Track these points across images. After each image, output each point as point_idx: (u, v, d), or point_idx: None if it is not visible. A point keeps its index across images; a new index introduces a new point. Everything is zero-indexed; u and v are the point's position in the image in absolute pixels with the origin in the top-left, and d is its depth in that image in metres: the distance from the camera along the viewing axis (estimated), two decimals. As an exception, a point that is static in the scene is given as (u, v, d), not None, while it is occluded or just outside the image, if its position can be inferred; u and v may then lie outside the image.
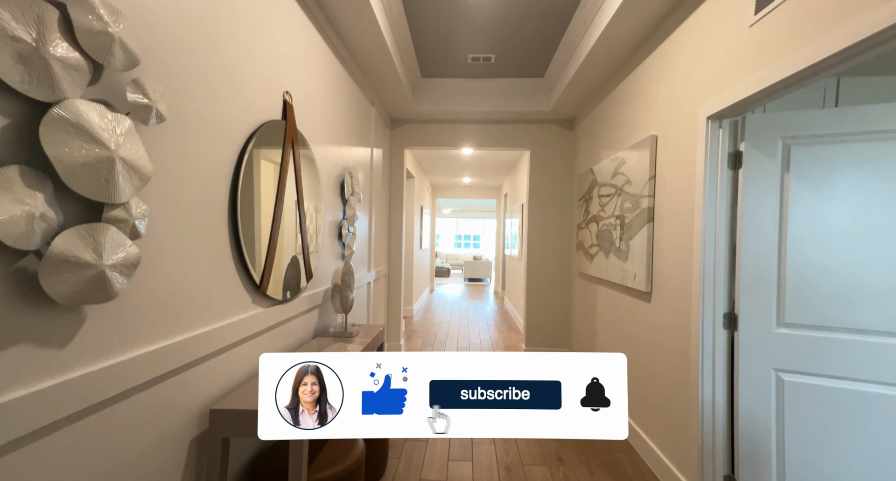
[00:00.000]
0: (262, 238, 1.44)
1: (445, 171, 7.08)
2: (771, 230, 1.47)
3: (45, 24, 0.65)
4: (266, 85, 1.47)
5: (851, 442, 1.37)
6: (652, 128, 2.10)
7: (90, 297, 0.74)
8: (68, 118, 0.68)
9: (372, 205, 3.14)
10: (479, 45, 2.78)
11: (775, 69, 1.24)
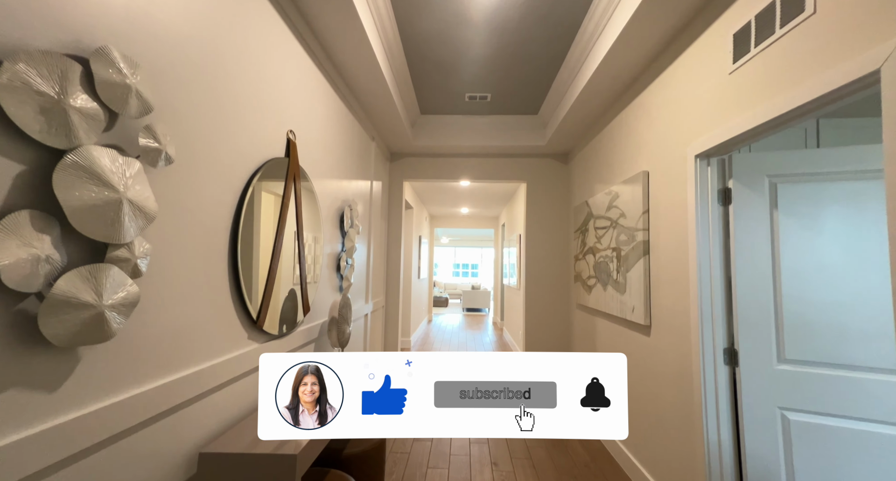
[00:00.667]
0: (261, 271, 1.45)
1: (443, 202, 7.19)
2: (764, 265, 1.50)
3: (68, 78, 0.69)
4: (271, 124, 1.53)
5: (864, 486, 1.32)
6: (643, 164, 2.17)
7: (87, 339, 0.73)
8: (81, 164, 0.71)
9: (371, 235, 3.16)
10: (475, 84, 2.92)
11: (753, 115, 1.31)
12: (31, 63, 0.64)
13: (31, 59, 0.64)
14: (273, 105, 1.54)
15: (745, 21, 1.36)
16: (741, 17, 1.38)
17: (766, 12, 1.26)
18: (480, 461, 2.39)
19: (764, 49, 1.27)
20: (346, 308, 2.03)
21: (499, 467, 2.31)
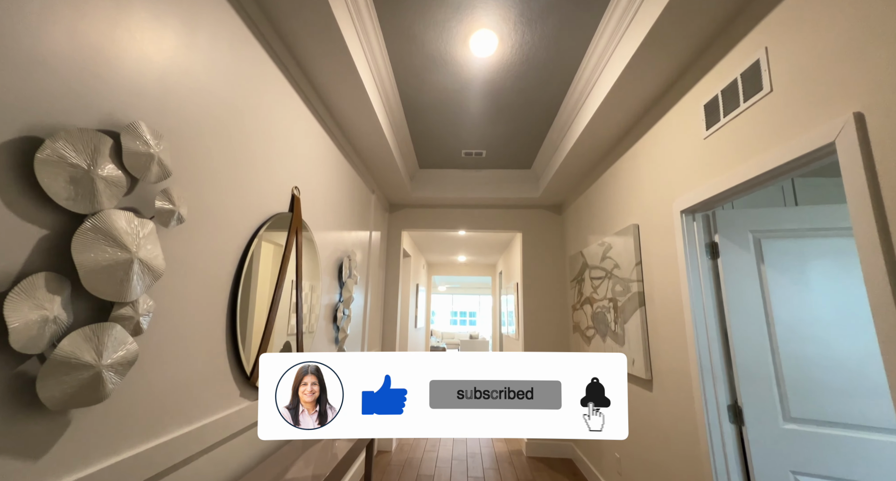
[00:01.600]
0: (258, 324, 1.45)
1: (441, 250, 7.27)
2: (758, 318, 1.51)
3: (99, 151, 0.75)
4: (278, 180, 1.61)
5: (892, 562, 1.23)
6: (634, 217, 2.25)
7: (81, 401, 0.73)
8: (100, 227, 0.75)
9: (368, 284, 3.17)
10: (471, 141, 3.11)
11: (727, 177, 1.41)
12: (69, 140, 0.70)
13: (69, 137, 0.70)
14: (280, 162, 1.64)
15: (712, 94, 1.50)
16: (709, 90, 1.53)
17: (730, 88, 1.41)
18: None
19: (732, 119, 1.40)
20: (340, 361, 1.98)
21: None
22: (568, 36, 1.88)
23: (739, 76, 1.35)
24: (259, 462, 1.45)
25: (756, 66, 1.28)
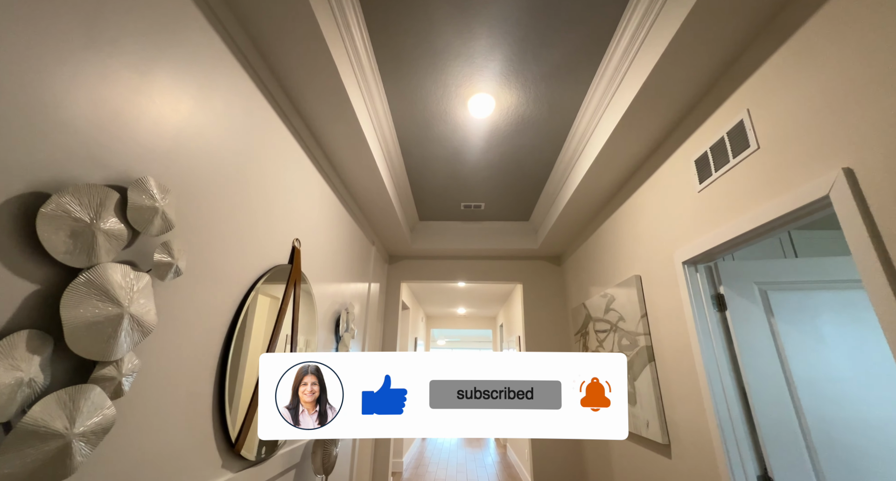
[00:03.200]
0: (248, 382, 1.36)
1: (440, 302, 7.14)
2: (776, 375, 1.43)
3: (104, 206, 0.76)
4: (279, 233, 1.61)
5: None
6: (635, 268, 2.24)
7: (42, 479, 0.65)
8: (94, 281, 0.73)
9: (366, 337, 3.06)
10: (470, 195, 3.19)
11: (724, 230, 1.42)
12: (75, 194, 0.71)
13: (76, 192, 0.71)
14: (283, 215, 1.65)
15: (702, 151, 1.57)
16: (699, 146, 1.60)
17: (718, 145, 1.48)
18: None
19: (723, 174, 1.44)
20: (333, 424, 1.84)
21: None
22: (561, 96, 2.02)
23: (726, 134, 1.43)
24: (236, 548, 1.27)
25: (741, 125, 1.35)
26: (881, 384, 1.30)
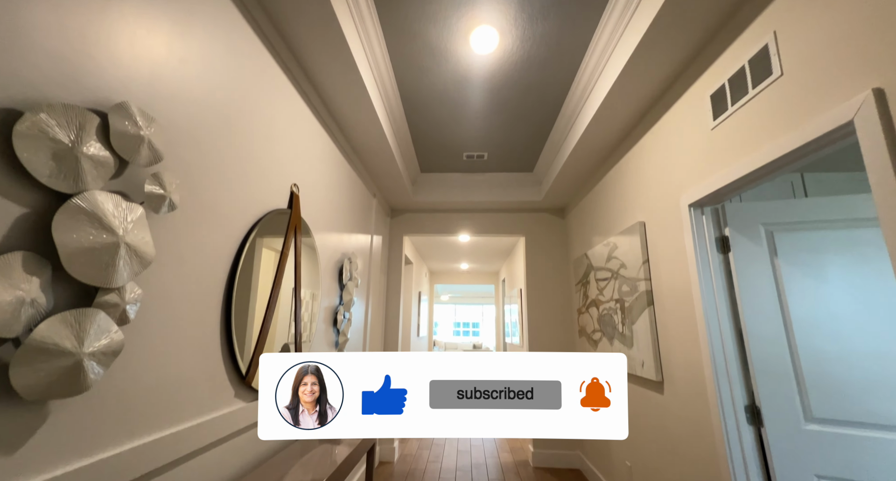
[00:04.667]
0: (255, 325, 1.40)
1: (443, 257, 7.22)
2: (774, 315, 1.45)
3: (85, 129, 0.72)
4: (276, 177, 1.58)
5: None
6: (639, 215, 2.21)
7: (60, 391, 0.68)
8: (85, 207, 0.71)
9: (369, 290, 3.12)
10: (472, 144, 3.09)
11: (737, 167, 1.37)
12: (52, 114, 0.67)
13: (52, 111, 0.67)
14: (279, 159, 1.61)
15: (719, 84, 1.47)
16: (716, 80, 1.50)
17: (737, 76, 1.38)
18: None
19: (740, 107, 1.36)
20: (340, 364, 1.92)
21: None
22: (569, 32, 1.87)
23: (747, 63, 1.33)
24: (256, 466, 1.38)
25: (765, 51, 1.25)
26: (878, 319, 1.32)
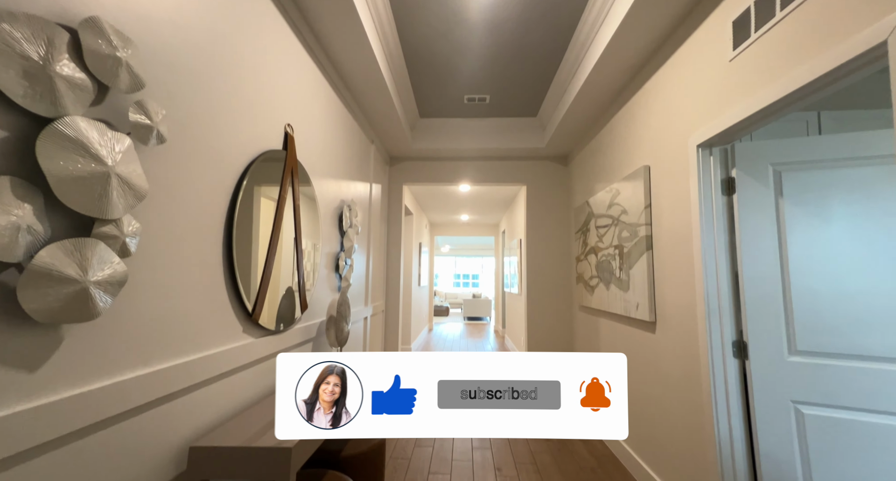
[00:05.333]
0: (257, 266, 1.42)
1: (443, 208, 7.18)
2: (771, 255, 1.46)
3: (54, 45, 0.67)
4: (269, 116, 1.51)
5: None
6: (644, 159, 2.15)
7: (70, 316, 0.70)
8: (67, 133, 0.68)
9: (370, 240, 3.14)
10: (473, 85, 2.93)
11: (755, 99, 1.30)
12: (14, 25, 0.62)
13: (14, 21, 0.62)
14: (271, 98, 1.53)
15: (744, 7, 1.35)
16: (740, 3, 1.38)
17: (764, -2, 1.26)
18: (483, 466, 2.31)
19: (765, 33, 1.26)
20: (344, 306, 1.99)
21: (502, 472, 2.24)
22: (582, -51, 1.69)
23: (777, -20, 1.20)
24: (266, 396, 1.47)
25: (798, -35, 1.13)
26: (876, 258, 1.33)
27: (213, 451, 1.02)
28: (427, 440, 2.67)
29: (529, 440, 2.68)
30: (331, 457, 1.62)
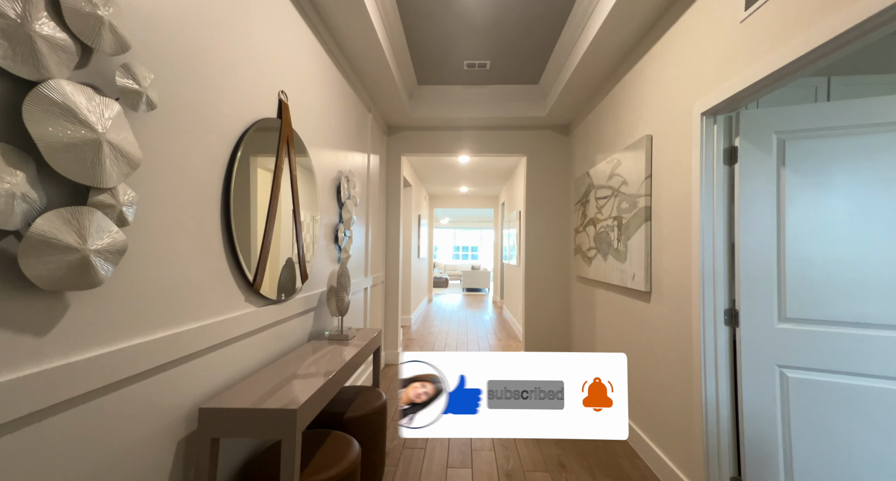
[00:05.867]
0: (256, 237, 1.42)
1: (443, 180, 7.11)
2: (769, 225, 1.47)
3: (30, 1, 0.64)
4: (261, 82, 1.47)
5: (860, 440, 1.33)
6: (647, 128, 2.11)
7: (73, 283, 0.71)
8: (54, 98, 0.66)
9: (369, 211, 3.13)
10: (474, 50, 2.82)
11: (766, 63, 1.25)
12: (-13, -22, 0.59)
13: (-13, -24, 0.59)
14: (263, 63, 1.47)
15: (758, -37, 1.28)
16: (754, -41, 1.30)
17: (781, -49, 1.19)
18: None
19: (778, -9, 1.20)
20: (344, 277, 2.01)
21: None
22: None
23: (795, -68, 1.13)
24: (272, 361, 1.52)
25: (819, -85, 1.05)
26: (873, 226, 1.33)
27: (221, 412, 1.06)
28: (427, 404, 2.78)
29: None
30: (335, 419, 1.70)
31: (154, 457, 0.98)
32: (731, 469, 1.52)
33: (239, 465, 1.35)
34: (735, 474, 1.53)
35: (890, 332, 1.30)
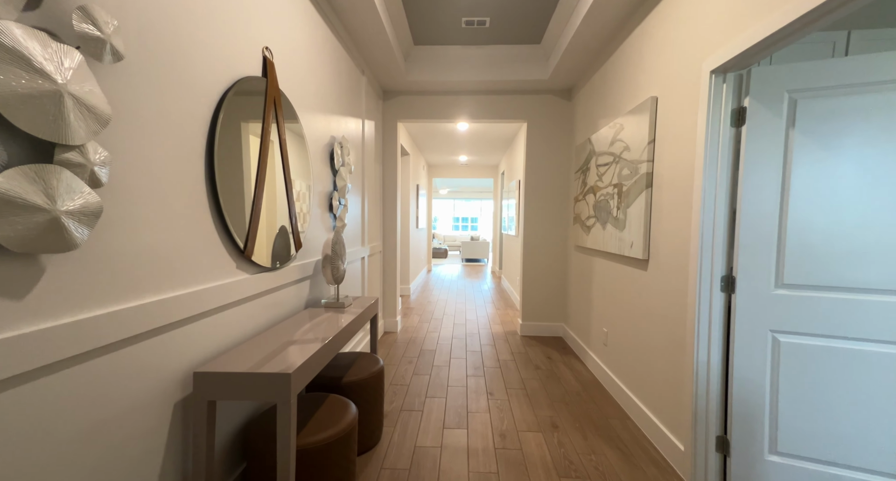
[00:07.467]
0: (245, 204, 1.38)
1: (441, 149, 6.95)
2: (773, 189, 1.42)
3: (-37, -74, 0.57)
4: (243, 36, 1.37)
5: (845, 401, 1.36)
6: (652, 90, 2.01)
7: (46, 246, 0.68)
8: (2, 41, 0.61)
9: (364, 180, 3.06)
10: (472, 6, 2.65)
11: (781, 14, 1.16)
12: None
13: None
14: (245, 16, 1.37)
15: None
16: None
17: None
18: (476, 391, 2.50)
19: (804, -71, 1.09)
20: (338, 245, 1.99)
21: (494, 396, 2.42)
22: None
23: None
24: (268, 328, 1.53)
25: None
26: (879, 190, 1.29)
27: (216, 377, 1.07)
28: (424, 369, 2.85)
29: (520, 369, 2.87)
30: (333, 383, 1.74)
31: (152, 417, 0.99)
32: (717, 428, 1.57)
33: (239, 426, 1.38)
34: (721, 433, 1.57)
35: (889, 297, 1.29)
